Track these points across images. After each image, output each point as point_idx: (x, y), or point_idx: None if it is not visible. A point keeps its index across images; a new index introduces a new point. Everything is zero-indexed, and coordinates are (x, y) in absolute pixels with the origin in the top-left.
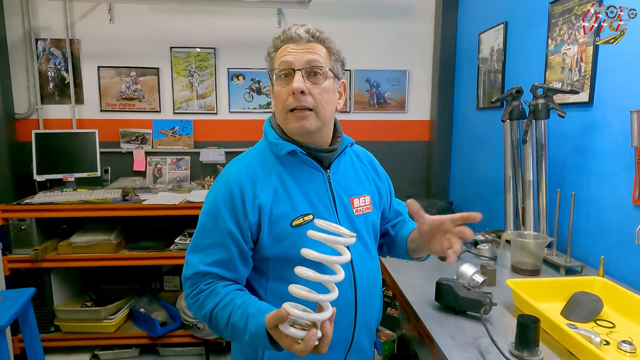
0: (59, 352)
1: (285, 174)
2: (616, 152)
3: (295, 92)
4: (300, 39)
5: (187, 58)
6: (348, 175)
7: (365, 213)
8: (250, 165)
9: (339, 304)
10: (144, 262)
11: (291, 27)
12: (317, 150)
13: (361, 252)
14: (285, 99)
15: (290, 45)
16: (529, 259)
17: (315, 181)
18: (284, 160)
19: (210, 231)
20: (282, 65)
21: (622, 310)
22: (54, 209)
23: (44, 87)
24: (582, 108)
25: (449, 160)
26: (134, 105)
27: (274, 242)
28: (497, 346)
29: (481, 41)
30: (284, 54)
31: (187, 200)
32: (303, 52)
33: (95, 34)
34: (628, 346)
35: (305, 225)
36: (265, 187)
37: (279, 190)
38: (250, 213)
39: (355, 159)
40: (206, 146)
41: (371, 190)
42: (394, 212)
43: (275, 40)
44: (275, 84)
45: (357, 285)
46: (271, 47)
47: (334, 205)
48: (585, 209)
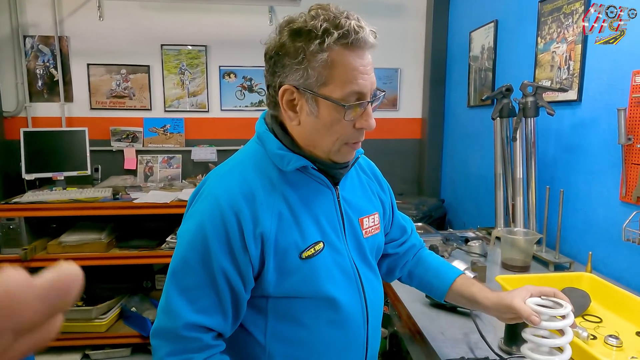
0: (49, 352)
1: (290, 193)
2: (604, 150)
3: (367, 129)
4: (366, 46)
5: (178, 56)
6: (355, 190)
7: (374, 235)
8: (246, 181)
9: (349, 338)
10: (135, 261)
11: (349, 21)
12: (331, 166)
13: (369, 277)
14: (349, 132)
15: (356, 59)
16: (519, 256)
17: (324, 201)
18: (290, 176)
19: (195, 269)
20: (354, 95)
21: (609, 305)
22: (43, 208)
23: (32, 85)
24: (570, 106)
25: (441, 158)
26: (125, 103)
27: (280, 278)
28: (486, 341)
29: (472, 39)
30: (354, 74)
31: (179, 198)
32: (370, 71)
33: (84, 31)
34: (614, 340)
35: (316, 257)
36: (267, 209)
37: (285, 215)
38: (251, 244)
39: (360, 170)
40: (198, 144)
41: (378, 206)
42: (398, 229)
43: (325, 36)
44: (336, 111)
45: (368, 316)
46: (314, 46)
47: (343, 229)
48: (573, 206)
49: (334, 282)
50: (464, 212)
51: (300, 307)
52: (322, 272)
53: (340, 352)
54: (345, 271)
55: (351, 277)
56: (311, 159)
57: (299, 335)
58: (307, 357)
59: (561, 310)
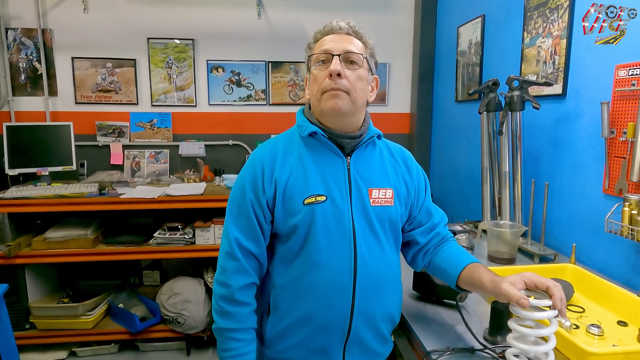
0: (35, 350)
1: (306, 154)
2: (587, 143)
3: (332, 73)
4: (341, 29)
5: (164, 49)
6: (373, 165)
7: (383, 205)
8: (275, 145)
9: (334, 286)
10: (122, 257)
11: (332, 21)
12: (339, 135)
13: (369, 242)
14: (322, 81)
15: (331, 36)
16: (505, 248)
17: (334, 166)
18: (307, 141)
19: (237, 200)
20: (321, 51)
21: (592, 296)
22: (27, 204)
23: (15, 79)
24: (555, 100)
25: (429, 152)
26: (111, 97)
27: (285, 216)
28: (471, 332)
29: (460, 34)
30: (324, 42)
31: (166, 193)
32: (341, 41)
33: (68, 23)
34: (596, 329)
35: (316, 205)
36: (284, 164)
37: (297, 169)
38: (267, 186)
39: (387, 153)
40: (185, 139)
41: (397, 185)
42: (425, 212)
43: (317, 33)
44: (314, 69)
45: (357, 272)
46: (311, 40)
47: (349, 192)
48: (558, 199)
49: (328, 232)
50: (452, 206)
51: (296, 247)
52: (319, 219)
53: (325, 293)
54: (341, 226)
55: (345, 233)
56: (324, 129)
57: (294, 272)
58: (300, 293)
59: (546, 301)
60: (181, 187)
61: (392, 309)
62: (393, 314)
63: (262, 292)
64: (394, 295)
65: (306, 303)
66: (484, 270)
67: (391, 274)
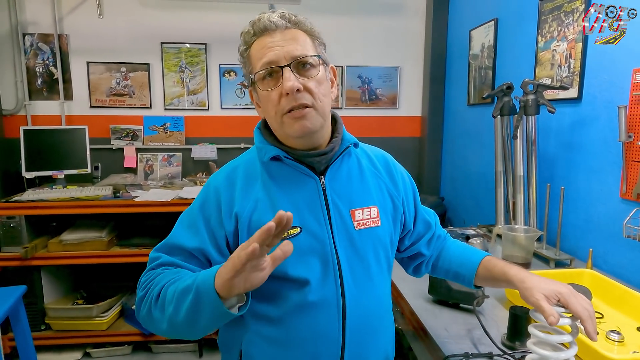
0: (51, 350)
1: (270, 182)
2: (604, 147)
3: (290, 92)
4: (277, 27)
5: (177, 54)
6: (352, 182)
7: (370, 227)
8: (234, 172)
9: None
10: (135, 259)
11: (261, 17)
12: (304, 155)
13: (357, 274)
14: (277, 102)
15: (266, 39)
16: (520, 253)
17: (307, 189)
18: (270, 167)
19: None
20: (265, 66)
21: (610, 301)
22: (43, 206)
23: (32, 83)
24: (571, 104)
25: (440, 156)
26: (125, 101)
27: None
28: (489, 337)
29: (472, 38)
30: (263, 51)
31: (179, 196)
32: (284, 44)
33: (84, 28)
34: (616, 335)
35: (289, 240)
36: (246, 196)
37: (262, 200)
38: (225, 221)
39: (366, 162)
40: (198, 142)
41: (382, 200)
42: (421, 222)
43: (245, 35)
44: (262, 88)
45: (346, 313)
46: (242, 45)
47: (327, 217)
48: (574, 203)
49: (308, 267)
50: (464, 209)
51: (273, 287)
52: (294, 255)
53: (309, 341)
54: (322, 259)
55: (329, 266)
56: (288, 150)
57: (271, 315)
58: (279, 340)
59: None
60: (194, 190)
61: (387, 348)
62: (388, 355)
63: (231, 336)
64: (388, 333)
65: (287, 353)
66: (502, 263)
67: (384, 309)
